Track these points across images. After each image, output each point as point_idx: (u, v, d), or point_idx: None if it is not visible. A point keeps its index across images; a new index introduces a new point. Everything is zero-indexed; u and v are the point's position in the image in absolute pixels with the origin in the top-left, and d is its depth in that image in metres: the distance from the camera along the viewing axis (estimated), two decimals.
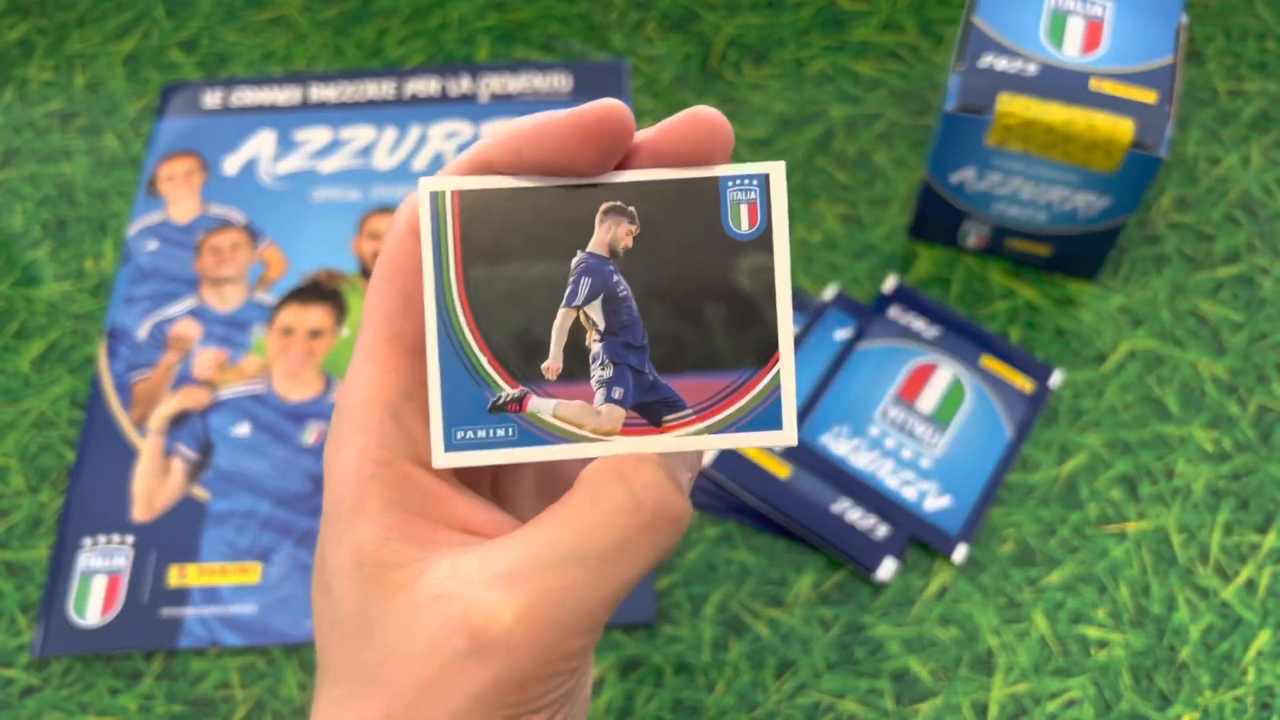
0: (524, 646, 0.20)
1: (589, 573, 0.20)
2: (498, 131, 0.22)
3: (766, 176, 0.22)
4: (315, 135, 0.56)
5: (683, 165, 0.22)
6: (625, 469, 0.21)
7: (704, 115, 0.21)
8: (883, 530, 0.44)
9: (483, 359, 0.22)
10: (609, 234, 0.22)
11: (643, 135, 0.22)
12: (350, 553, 0.21)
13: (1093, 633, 0.43)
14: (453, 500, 0.22)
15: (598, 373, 0.22)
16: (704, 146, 0.22)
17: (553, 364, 0.22)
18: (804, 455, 0.46)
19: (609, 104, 0.21)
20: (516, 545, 0.21)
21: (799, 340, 0.49)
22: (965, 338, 0.48)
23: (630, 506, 0.21)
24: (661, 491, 0.21)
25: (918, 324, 0.49)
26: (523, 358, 0.22)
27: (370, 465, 0.22)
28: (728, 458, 0.46)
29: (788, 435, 0.23)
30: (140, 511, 0.46)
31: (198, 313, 0.51)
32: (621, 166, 0.22)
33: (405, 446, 0.22)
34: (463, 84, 0.57)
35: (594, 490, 0.21)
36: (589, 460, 0.23)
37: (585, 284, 0.22)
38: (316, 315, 0.51)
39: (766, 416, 0.22)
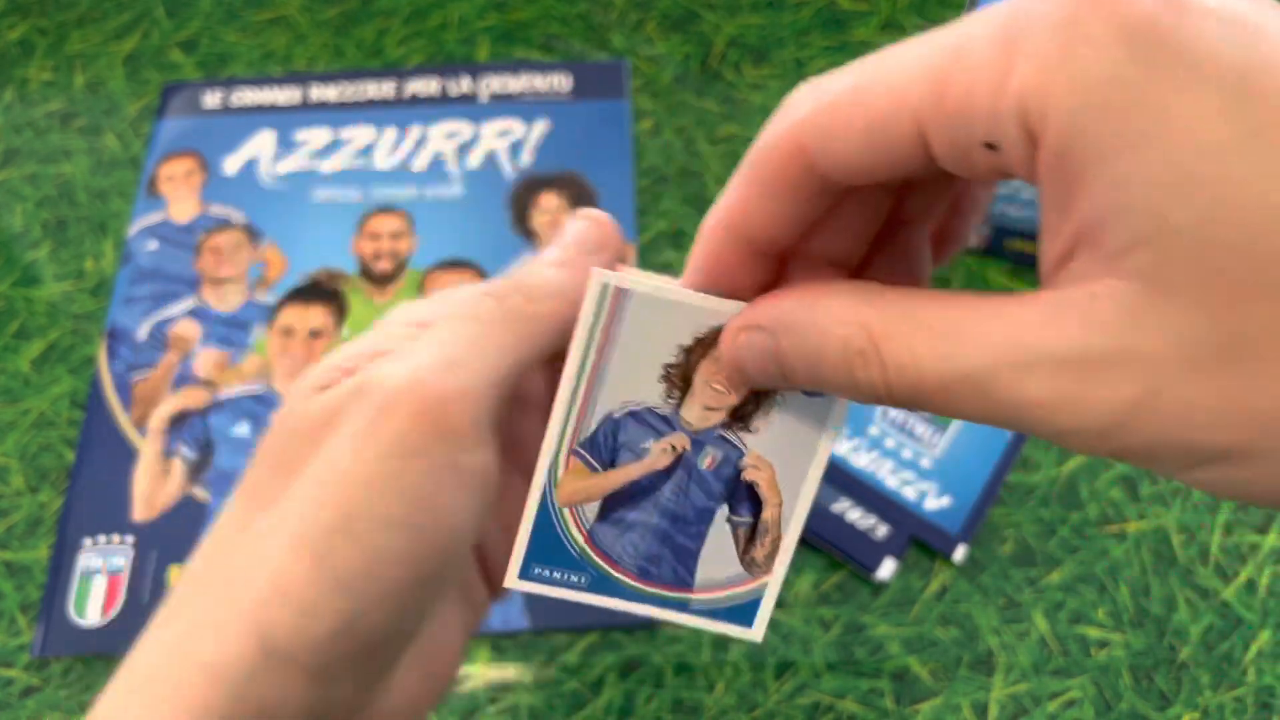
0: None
1: None
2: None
3: None
4: (315, 135, 0.56)
5: None
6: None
7: None
8: (883, 530, 0.44)
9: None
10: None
11: None
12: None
13: (1093, 633, 0.43)
14: None
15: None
16: None
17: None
18: None
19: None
20: None
21: None
22: None
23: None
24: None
25: None
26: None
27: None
28: None
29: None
30: (140, 511, 0.46)
31: (198, 313, 0.51)
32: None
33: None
34: (463, 84, 0.57)
35: None
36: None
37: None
38: (317, 315, 0.51)
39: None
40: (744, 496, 0.24)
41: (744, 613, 0.25)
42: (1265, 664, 0.42)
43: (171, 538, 0.45)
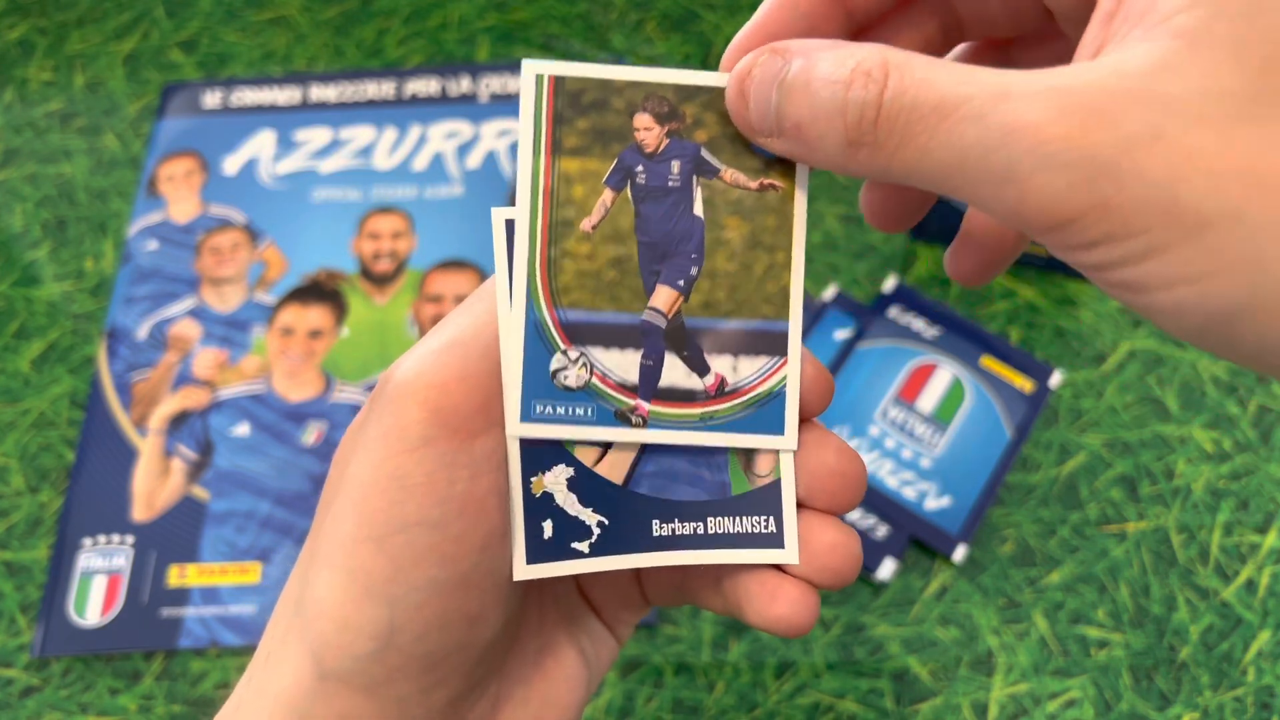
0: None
1: None
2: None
3: None
4: (315, 135, 0.56)
5: None
6: None
7: None
8: (883, 530, 0.44)
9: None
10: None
11: None
12: None
13: (1093, 633, 0.43)
14: None
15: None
16: None
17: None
18: None
19: None
20: None
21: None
22: (965, 338, 0.48)
23: None
24: None
25: (918, 324, 0.49)
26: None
27: None
28: None
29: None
30: (140, 511, 0.46)
31: (198, 313, 0.51)
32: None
33: None
34: (463, 84, 0.57)
35: None
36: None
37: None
38: (316, 315, 0.51)
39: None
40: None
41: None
42: (1265, 664, 0.42)
43: (171, 538, 0.45)
